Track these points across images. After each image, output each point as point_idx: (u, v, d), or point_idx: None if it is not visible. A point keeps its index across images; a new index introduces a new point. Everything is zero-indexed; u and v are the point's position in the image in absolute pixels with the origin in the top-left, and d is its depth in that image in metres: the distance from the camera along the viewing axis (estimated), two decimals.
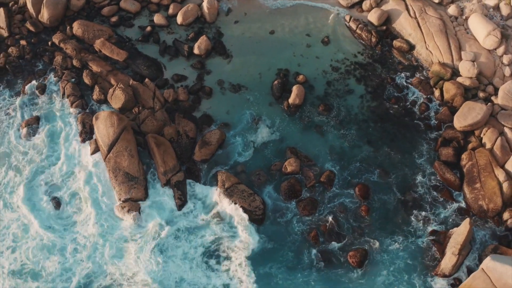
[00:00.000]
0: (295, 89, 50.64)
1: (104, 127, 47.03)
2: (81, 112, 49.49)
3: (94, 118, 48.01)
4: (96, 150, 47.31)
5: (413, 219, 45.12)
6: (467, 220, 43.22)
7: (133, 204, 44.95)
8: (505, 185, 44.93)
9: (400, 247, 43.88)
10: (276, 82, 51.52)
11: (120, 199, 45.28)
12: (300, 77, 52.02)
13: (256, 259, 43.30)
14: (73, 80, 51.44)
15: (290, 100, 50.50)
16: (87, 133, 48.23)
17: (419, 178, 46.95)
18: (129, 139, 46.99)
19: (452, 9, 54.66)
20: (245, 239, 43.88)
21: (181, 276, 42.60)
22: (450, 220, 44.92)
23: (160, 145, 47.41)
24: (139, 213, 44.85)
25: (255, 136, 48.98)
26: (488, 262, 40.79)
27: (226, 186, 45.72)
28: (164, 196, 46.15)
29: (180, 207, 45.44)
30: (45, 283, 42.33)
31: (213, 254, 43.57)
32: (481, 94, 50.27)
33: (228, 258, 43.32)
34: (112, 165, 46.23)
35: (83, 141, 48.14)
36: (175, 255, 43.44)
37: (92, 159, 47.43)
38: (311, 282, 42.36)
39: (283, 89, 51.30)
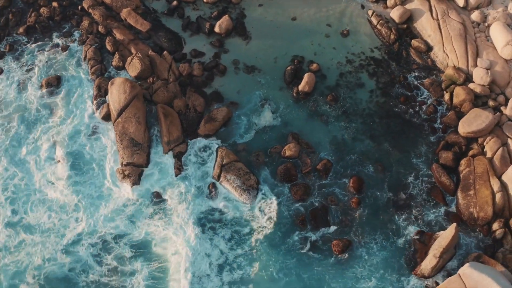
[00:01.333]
0: (306, 76, 50.73)
1: (117, 92, 48.34)
2: (99, 77, 51.08)
3: (109, 83, 49.36)
4: (107, 113, 48.74)
5: (402, 217, 45.05)
6: (454, 225, 42.82)
7: (134, 168, 46.29)
8: (498, 196, 44.19)
9: (384, 243, 44.00)
10: (289, 68, 51.69)
11: (122, 163, 46.74)
12: (314, 66, 51.99)
13: (241, 232, 44.33)
14: (96, 45, 52.90)
15: (300, 87, 50.64)
16: (101, 97, 49.72)
17: (415, 178, 46.66)
18: (138, 107, 48.21)
19: (475, 15, 53.48)
20: (234, 213, 45.18)
21: (166, 235, 44.22)
22: (439, 223, 44.53)
23: (167, 115, 48.50)
24: (139, 177, 46.47)
25: (260, 118, 49.40)
26: (466, 269, 40.52)
27: (224, 162, 46.55)
28: (164, 163, 47.26)
29: (177, 176, 46.57)
30: (39, 237, 44.27)
31: (202, 223, 44.50)
32: (491, 103, 49.21)
33: (213, 228, 44.38)
34: (119, 129, 47.58)
35: (97, 104, 49.65)
36: (167, 219, 44.84)
37: (102, 122, 48.98)
38: (288, 261, 42.99)
39: (295, 75, 51.46)
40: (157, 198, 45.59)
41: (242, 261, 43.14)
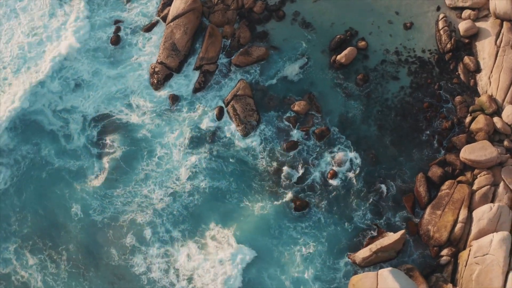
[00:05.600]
0: (348, 49, 49.92)
1: (180, 1, 50.96)
2: None
3: None
4: (165, 15, 51.91)
5: (366, 205, 44.97)
6: (403, 231, 42.57)
7: (164, 68, 49.66)
8: (458, 226, 42.47)
9: (338, 220, 44.55)
10: (338, 36, 50.98)
11: (157, 60, 50.18)
12: (362, 43, 50.78)
13: (223, 155, 47.03)
14: None
15: (338, 57, 49.99)
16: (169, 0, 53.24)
17: (397, 178, 45.71)
18: (191, 19, 50.59)
19: None
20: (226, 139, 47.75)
21: (162, 132, 48.04)
22: (396, 225, 44.04)
23: (212, 36, 50.67)
24: (164, 78, 49.59)
25: (287, 68, 50.12)
26: (385, 272, 40.45)
27: (238, 93, 48.51)
28: (191, 77, 50.14)
29: (196, 90, 49.37)
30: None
31: (195, 136, 47.74)
32: (506, 143, 45.86)
33: (203, 142, 47.65)
34: (168, 32, 50.71)
35: (163, 5, 52.76)
36: (168, 120, 48.45)
37: (161, 22, 52.39)
38: (246, 193, 45.60)
39: (340, 45, 50.69)
40: (171, 101, 48.76)
41: (211, 180, 45.92)
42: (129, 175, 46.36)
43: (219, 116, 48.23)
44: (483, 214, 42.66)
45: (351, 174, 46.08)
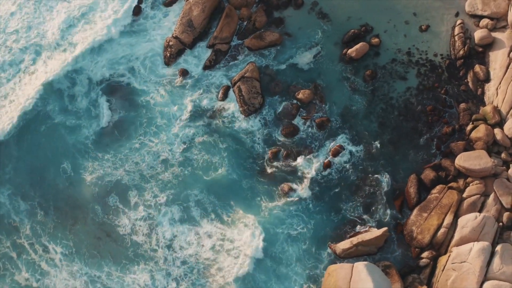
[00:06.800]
0: (359, 45, 49.83)
1: None
2: None
3: None
4: None
5: (355, 199, 45.12)
6: (385, 229, 42.93)
7: (177, 43, 50.55)
8: (442, 230, 42.40)
9: (326, 209, 44.82)
10: (352, 30, 50.91)
11: (173, 35, 51.15)
12: (375, 40, 50.55)
13: (220, 131, 47.81)
14: None
15: (349, 51, 49.97)
16: None
17: (390, 176, 45.61)
18: None
19: None
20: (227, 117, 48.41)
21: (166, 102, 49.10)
22: (382, 222, 44.06)
23: (228, 16, 51.30)
24: (177, 53, 50.36)
25: (299, 56, 50.28)
26: (360, 265, 40.82)
27: (246, 75, 49.03)
28: (201, 55, 50.93)
29: (205, 67, 50.15)
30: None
31: (197, 111, 48.60)
32: (503, 155, 45.31)
33: (198, 119, 48.48)
34: (187, 8, 51.62)
35: None
36: (173, 93, 49.42)
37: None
38: (239, 169, 46.33)
39: (353, 39, 50.62)
40: (180, 75, 49.62)
41: (206, 154, 46.76)
42: (125, 141, 47.51)
43: (224, 95, 48.90)
44: (467, 222, 42.32)
45: (345, 166, 46.22)
